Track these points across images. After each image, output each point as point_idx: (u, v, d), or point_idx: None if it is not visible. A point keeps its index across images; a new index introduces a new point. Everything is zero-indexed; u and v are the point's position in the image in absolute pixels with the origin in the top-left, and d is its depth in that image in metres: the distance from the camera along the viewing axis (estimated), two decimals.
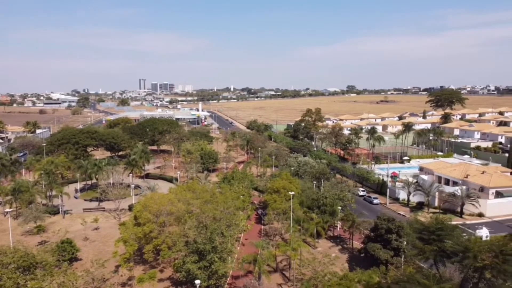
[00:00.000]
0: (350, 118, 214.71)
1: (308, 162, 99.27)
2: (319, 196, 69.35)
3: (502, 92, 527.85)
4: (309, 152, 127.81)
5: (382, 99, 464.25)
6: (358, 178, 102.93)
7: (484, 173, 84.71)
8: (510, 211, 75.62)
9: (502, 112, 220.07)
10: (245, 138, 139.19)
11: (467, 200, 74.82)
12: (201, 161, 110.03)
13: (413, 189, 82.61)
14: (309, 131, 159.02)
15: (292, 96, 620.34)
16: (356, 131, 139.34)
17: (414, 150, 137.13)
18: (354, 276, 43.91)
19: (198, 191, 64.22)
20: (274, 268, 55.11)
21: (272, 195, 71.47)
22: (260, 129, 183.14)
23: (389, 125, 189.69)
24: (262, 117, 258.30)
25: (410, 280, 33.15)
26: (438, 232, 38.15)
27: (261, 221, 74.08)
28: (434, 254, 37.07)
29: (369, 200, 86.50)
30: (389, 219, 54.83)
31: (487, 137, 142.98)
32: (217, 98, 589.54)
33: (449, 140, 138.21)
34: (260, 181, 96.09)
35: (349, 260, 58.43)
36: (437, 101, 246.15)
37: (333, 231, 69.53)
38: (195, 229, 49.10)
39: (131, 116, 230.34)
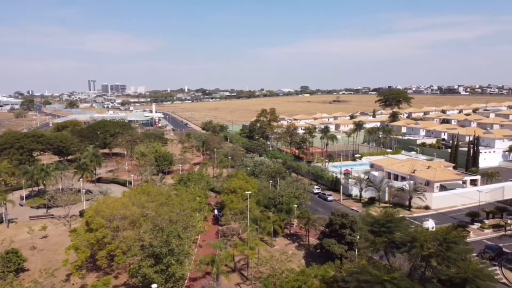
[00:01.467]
0: (304, 118, 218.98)
1: (264, 162, 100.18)
2: (275, 195, 70.21)
3: (444, 92, 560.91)
4: (265, 151, 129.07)
5: (335, 99, 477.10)
6: (313, 176, 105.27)
7: (429, 168, 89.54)
8: (453, 203, 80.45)
9: (445, 110, 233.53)
10: (200, 139, 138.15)
11: (415, 194, 78.75)
12: (155, 163, 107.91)
13: (365, 185, 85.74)
14: (265, 131, 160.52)
15: (247, 96, 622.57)
16: (310, 131, 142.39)
17: (365, 148, 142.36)
18: (310, 271, 44.89)
19: (153, 193, 62.90)
20: (232, 268, 55.18)
21: (229, 195, 71.47)
22: (215, 130, 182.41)
23: (342, 124, 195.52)
24: (217, 118, 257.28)
25: (363, 271, 34.41)
26: (388, 224, 39.85)
27: (218, 222, 73.86)
28: (385, 246, 38.70)
29: (324, 197, 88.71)
30: (343, 214, 56.66)
31: (431, 134, 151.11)
32: (171, 99, 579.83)
33: (397, 137, 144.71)
34: (217, 182, 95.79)
35: (306, 256, 59.68)
36: (385, 100, 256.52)
37: (289, 229, 70.67)
38: (150, 232, 48.08)
39: (81, 119, 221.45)
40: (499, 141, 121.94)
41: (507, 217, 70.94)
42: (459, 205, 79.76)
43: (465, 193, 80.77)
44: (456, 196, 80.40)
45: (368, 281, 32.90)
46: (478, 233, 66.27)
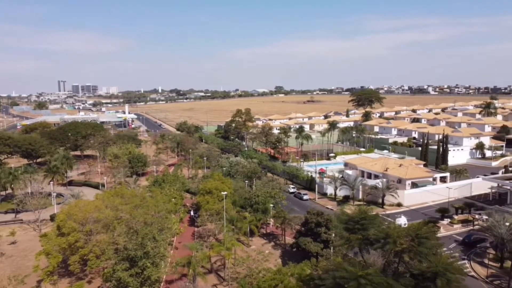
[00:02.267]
0: (279, 118, 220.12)
1: (239, 162, 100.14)
2: (251, 195, 70.34)
3: (414, 92, 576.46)
4: (240, 152, 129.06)
5: (309, 99, 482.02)
6: (288, 175, 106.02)
7: (401, 166, 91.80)
8: (424, 199, 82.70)
9: (415, 110, 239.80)
10: (175, 140, 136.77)
11: (387, 191, 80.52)
12: (129, 165, 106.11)
13: (339, 184, 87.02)
14: (240, 131, 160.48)
15: (222, 97, 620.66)
16: (285, 130, 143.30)
17: (339, 147, 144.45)
18: (287, 270, 45.20)
19: (127, 196, 61.86)
20: (208, 269, 54.91)
21: (205, 196, 71.09)
22: (190, 131, 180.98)
23: (316, 124, 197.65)
24: (192, 119, 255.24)
25: (339, 268, 34.89)
26: (362, 221, 40.55)
27: (194, 223, 73.33)
28: (359, 243, 39.38)
29: (299, 196, 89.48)
30: (318, 213, 57.33)
31: (402, 133, 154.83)
32: (145, 100, 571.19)
33: (370, 136, 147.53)
34: (192, 183, 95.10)
35: (282, 255, 60.05)
36: (358, 100, 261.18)
37: (266, 229, 70.93)
38: (125, 235, 47.29)
39: (50, 120, 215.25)
40: (466, 139, 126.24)
41: (475, 212, 73.50)
42: (430, 201, 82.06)
43: (435, 190, 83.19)
44: (427, 193, 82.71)
45: (343, 278, 33.39)
46: (448, 228, 68.40)
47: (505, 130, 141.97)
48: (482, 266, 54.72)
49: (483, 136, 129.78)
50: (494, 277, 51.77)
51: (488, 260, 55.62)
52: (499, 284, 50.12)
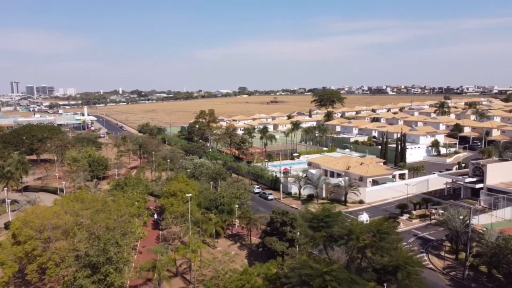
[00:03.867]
0: (243, 119, 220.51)
1: (204, 164, 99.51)
2: (216, 196, 70.09)
3: (374, 92, 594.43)
4: (205, 153, 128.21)
5: (272, 100, 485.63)
6: (253, 176, 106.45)
7: (362, 165, 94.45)
8: (384, 196, 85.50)
9: (374, 109, 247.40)
10: (137, 143, 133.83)
11: (350, 189, 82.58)
12: (89, 169, 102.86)
13: (304, 183, 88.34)
14: (204, 133, 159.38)
15: (185, 98, 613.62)
16: (249, 131, 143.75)
17: (303, 147, 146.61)
18: (253, 270, 45.41)
19: (88, 200, 59.87)
20: (174, 272, 54.19)
21: (169, 198, 70.10)
22: (153, 133, 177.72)
23: (280, 124, 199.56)
24: (154, 120, 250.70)
25: (304, 266, 35.50)
26: (326, 219, 41.56)
27: (158, 226, 72.11)
28: (324, 240, 40.29)
29: (264, 196, 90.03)
30: (283, 212, 57.92)
31: (363, 132, 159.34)
32: (105, 102, 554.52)
33: (332, 136, 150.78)
34: (156, 185, 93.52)
35: (248, 255, 60.21)
36: (320, 100, 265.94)
37: (231, 229, 70.86)
38: (86, 241, 45.76)
39: (3, 123, 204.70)
40: (423, 138, 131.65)
41: (432, 207, 76.77)
42: (390, 198, 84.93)
43: (394, 187, 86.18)
44: (387, 190, 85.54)
45: (309, 275, 34.00)
46: (407, 224, 71.07)
47: (458, 128, 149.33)
48: (439, 258, 57.26)
49: (438, 134, 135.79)
50: (450, 269, 54.33)
51: (444, 253, 58.32)
52: (454, 275, 52.63)
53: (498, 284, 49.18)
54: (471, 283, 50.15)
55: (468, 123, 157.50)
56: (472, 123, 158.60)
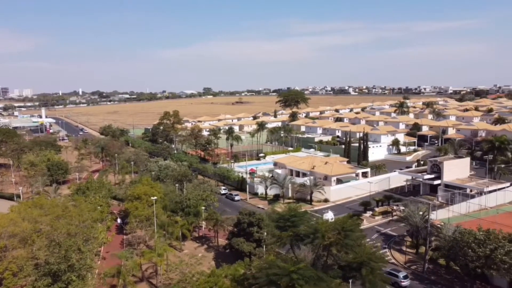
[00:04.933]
0: (208, 120, 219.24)
1: (169, 166, 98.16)
2: (182, 199, 69.33)
3: (337, 92, 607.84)
4: (170, 155, 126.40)
5: (237, 100, 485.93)
6: (219, 177, 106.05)
7: (327, 164, 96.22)
8: (348, 194, 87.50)
9: (338, 109, 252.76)
10: (99, 145, 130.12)
11: (315, 188, 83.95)
12: (48, 173, 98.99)
13: (270, 183, 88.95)
14: (168, 134, 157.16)
15: (148, 99, 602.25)
16: (214, 132, 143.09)
17: (269, 147, 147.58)
18: (221, 271, 45.27)
19: (47, 206, 57.66)
20: (140, 277, 53.11)
21: (133, 202, 68.65)
22: (115, 135, 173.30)
23: (245, 125, 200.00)
24: (117, 122, 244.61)
25: (271, 266, 35.80)
26: (292, 219, 42.06)
27: (122, 230, 70.38)
28: (290, 239, 40.77)
29: (231, 197, 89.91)
30: (250, 213, 58.09)
31: (327, 132, 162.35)
32: (64, 103, 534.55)
33: (297, 136, 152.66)
34: (119, 189, 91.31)
35: (216, 257, 59.96)
36: (285, 101, 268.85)
37: (198, 232, 70.32)
38: (46, 249, 43.97)
39: None
40: (384, 137, 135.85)
41: (393, 204, 79.31)
42: (354, 196, 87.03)
43: (358, 185, 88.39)
44: (350, 188, 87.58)
45: (276, 274, 34.32)
46: (370, 220, 73.12)
47: (417, 127, 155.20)
48: (400, 253, 59.30)
49: (398, 133, 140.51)
50: (411, 263, 56.40)
51: (405, 247, 60.45)
52: (415, 268, 54.69)
53: (455, 276, 51.57)
54: (430, 276, 52.26)
55: (425, 122, 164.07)
56: (430, 122, 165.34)
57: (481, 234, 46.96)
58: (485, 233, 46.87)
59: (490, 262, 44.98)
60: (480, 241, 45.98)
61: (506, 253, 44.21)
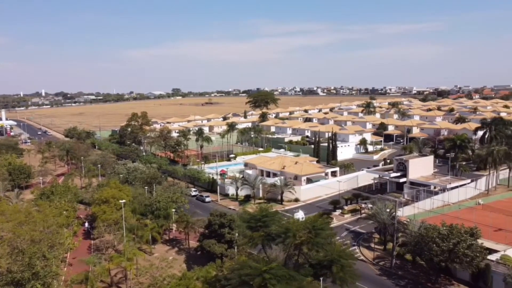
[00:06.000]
0: (178, 121, 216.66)
1: (137, 168, 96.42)
2: (152, 201, 68.30)
3: (306, 93, 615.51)
4: (138, 157, 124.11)
5: (207, 101, 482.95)
6: (190, 178, 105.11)
7: (297, 164, 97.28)
8: (318, 193, 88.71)
9: (307, 110, 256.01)
10: (64, 148, 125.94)
11: (285, 188, 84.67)
12: (9, 177, 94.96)
13: (241, 184, 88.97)
14: (137, 136, 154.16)
15: (115, 100, 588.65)
16: (184, 133, 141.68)
17: (239, 148, 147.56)
18: (192, 274, 44.88)
19: (9, 212, 55.43)
20: (109, 283, 51.91)
21: (101, 206, 67.02)
22: (81, 137, 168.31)
23: (215, 126, 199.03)
24: (82, 124, 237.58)
25: (243, 266, 35.85)
26: (264, 219, 42.25)
27: (90, 235, 68.49)
28: (262, 239, 40.97)
29: (202, 199, 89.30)
30: (221, 214, 57.92)
31: (297, 132, 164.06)
32: (26, 105, 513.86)
33: (267, 136, 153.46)
34: (86, 192, 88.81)
35: (187, 259, 59.40)
36: (255, 102, 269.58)
37: (168, 234, 69.43)
38: (8, 256, 42.18)
39: None
40: (352, 136, 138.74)
41: (362, 202, 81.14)
42: (323, 195, 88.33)
43: (327, 184, 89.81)
44: (320, 187, 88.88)
45: (248, 275, 34.39)
46: (339, 219, 74.47)
47: (383, 126, 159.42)
48: (369, 250, 60.75)
49: (365, 133, 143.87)
50: (379, 259, 57.88)
51: (374, 244, 61.97)
52: (383, 264, 56.18)
53: (421, 270, 53.36)
54: (398, 271, 53.83)
55: (391, 121, 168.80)
56: (395, 121, 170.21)
57: (445, 229, 48.79)
58: (448, 228, 48.73)
59: (453, 256, 46.83)
60: (443, 236, 47.77)
61: (468, 247, 46.17)
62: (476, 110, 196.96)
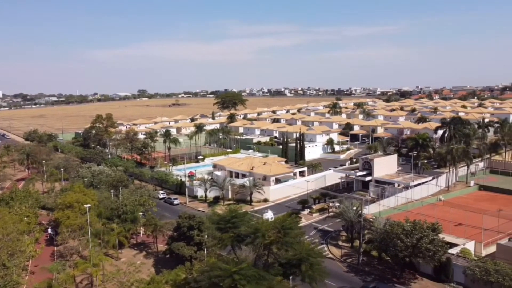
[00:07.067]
0: (144, 123, 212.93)
1: (103, 171, 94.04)
2: (118, 205, 66.85)
3: (273, 94, 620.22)
4: (104, 160, 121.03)
5: (174, 103, 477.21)
6: (157, 181, 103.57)
7: (265, 164, 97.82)
8: (287, 193, 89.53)
9: (275, 110, 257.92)
10: (23, 152, 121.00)
11: (254, 189, 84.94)
12: None
13: (209, 186, 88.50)
14: (102, 138, 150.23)
15: (78, 101, 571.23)
16: (151, 135, 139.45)
17: (207, 149, 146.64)
18: (161, 278, 44.32)
19: None
20: None
21: (64, 211, 64.95)
22: (42, 140, 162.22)
23: (183, 127, 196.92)
24: (44, 126, 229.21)
25: (213, 268, 35.72)
26: (233, 220, 42.18)
27: (53, 242, 66.20)
28: (231, 240, 40.92)
29: (170, 202, 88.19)
30: (190, 216, 57.43)
31: (265, 132, 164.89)
32: None
33: (235, 137, 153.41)
34: (48, 197, 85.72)
35: (156, 263, 58.49)
36: (223, 103, 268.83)
37: (136, 238, 68.14)
38: None
39: None
40: (319, 136, 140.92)
41: (329, 201, 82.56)
42: (292, 194, 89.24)
43: (296, 184, 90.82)
44: (289, 187, 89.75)
45: (218, 276, 34.29)
46: (308, 218, 75.50)
47: (349, 126, 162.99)
48: (337, 248, 61.94)
49: (332, 133, 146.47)
50: (347, 256, 59.13)
51: (341, 242, 63.25)
52: (351, 261, 57.43)
53: (387, 266, 54.94)
54: (365, 267, 55.18)
55: (357, 121, 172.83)
56: (360, 121, 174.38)
57: (408, 225, 50.48)
58: (411, 224, 50.44)
59: (416, 251, 48.54)
60: (407, 232, 49.39)
61: (430, 242, 47.98)
62: (436, 110, 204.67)
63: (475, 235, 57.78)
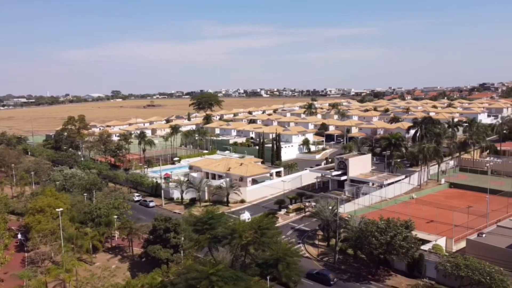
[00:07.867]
0: (118, 124, 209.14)
1: (75, 174, 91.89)
2: (92, 209, 65.48)
3: (249, 95, 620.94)
4: (76, 163, 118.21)
5: (149, 104, 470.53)
6: (132, 183, 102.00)
7: (242, 165, 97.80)
8: (263, 194, 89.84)
9: (251, 111, 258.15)
10: None
11: (231, 190, 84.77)
12: None
13: (185, 187, 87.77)
14: (74, 141, 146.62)
15: (49, 103, 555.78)
16: (125, 137, 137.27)
17: (183, 151, 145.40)
18: (137, 282, 43.64)
19: None
20: None
21: (35, 216, 63.17)
22: (11, 143, 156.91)
23: (158, 129, 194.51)
24: (12, 129, 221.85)
25: (190, 270, 35.47)
26: (210, 221, 42.14)
27: (24, 248, 64.11)
28: (208, 242, 40.85)
29: (145, 204, 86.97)
30: (166, 219, 56.72)
31: (241, 133, 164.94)
32: None
33: (212, 138, 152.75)
34: (18, 202, 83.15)
35: (131, 267, 57.55)
36: (199, 103, 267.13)
37: (111, 242, 66.89)
38: None
39: None
40: (295, 137, 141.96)
41: (306, 200, 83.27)
42: (269, 195, 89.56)
43: (272, 184, 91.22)
44: (265, 188, 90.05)
45: (195, 278, 34.08)
46: (285, 218, 75.91)
47: (324, 127, 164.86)
48: (313, 247, 62.53)
49: (308, 133, 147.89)
50: (323, 255, 59.77)
51: (318, 241, 63.90)
52: (327, 260, 58.10)
53: (362, 263, 55.88)
54: (341, 266, 55.93)
55: (332, 122, 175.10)
56: (335, 122, 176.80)
57: (382, 223, 51.51)
58: (385, 222, 51.50)
59: (390, 248, 49.55)
60: (381, 229, 50.38)
61: (404, 239, 49.10)
62: (409, 110, 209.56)
63: (446, 231, 59.59)
